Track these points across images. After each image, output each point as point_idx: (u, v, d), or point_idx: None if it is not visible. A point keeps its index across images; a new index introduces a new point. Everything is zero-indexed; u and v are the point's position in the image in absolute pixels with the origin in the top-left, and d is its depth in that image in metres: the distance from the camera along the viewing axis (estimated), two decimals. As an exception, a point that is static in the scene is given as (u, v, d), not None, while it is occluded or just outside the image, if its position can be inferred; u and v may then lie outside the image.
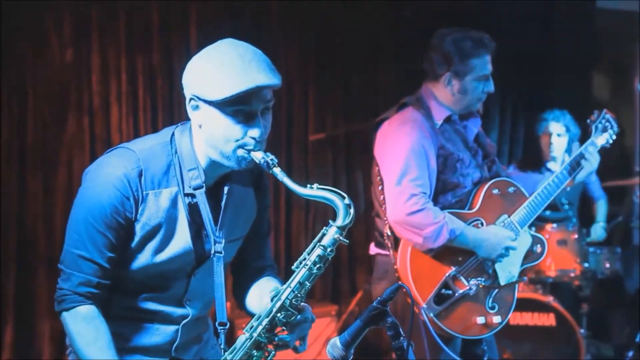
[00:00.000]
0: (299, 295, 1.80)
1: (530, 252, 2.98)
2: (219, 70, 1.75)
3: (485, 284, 2.86)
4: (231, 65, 1.75)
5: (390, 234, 2.89)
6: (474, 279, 2.83)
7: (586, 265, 4.39)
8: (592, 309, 4.56)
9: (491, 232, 2.85)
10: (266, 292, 1.90)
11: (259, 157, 1.79)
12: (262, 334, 1.82)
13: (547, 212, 4.47)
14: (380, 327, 1.69)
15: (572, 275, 4.37)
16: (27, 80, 4.10)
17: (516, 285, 2.97)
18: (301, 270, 1.80)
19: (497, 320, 2.90)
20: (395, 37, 5.09)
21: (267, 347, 1.84)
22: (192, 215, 1.89)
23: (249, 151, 1.80)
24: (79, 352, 1.83)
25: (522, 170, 4.66)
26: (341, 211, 1.77)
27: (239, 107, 1.76)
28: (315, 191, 1.78)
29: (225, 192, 1.93)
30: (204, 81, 1.77)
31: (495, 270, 2.89)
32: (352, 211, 1.78)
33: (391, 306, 1.69)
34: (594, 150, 2.98)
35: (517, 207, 2.93)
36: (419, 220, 2.74)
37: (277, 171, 1.79)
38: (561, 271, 4.35)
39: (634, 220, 5.02)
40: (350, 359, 1.71)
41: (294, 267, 1.81)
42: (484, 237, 2.83)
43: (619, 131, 3.09)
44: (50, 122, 4.15)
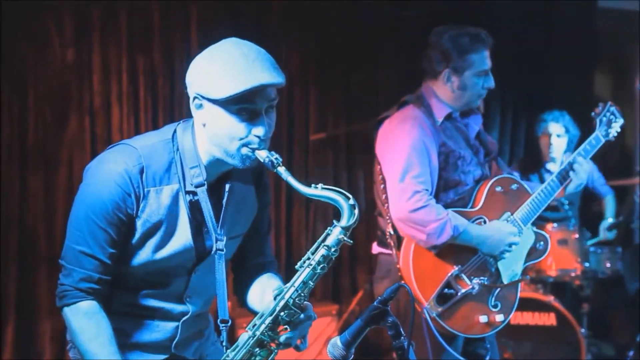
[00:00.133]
0: (303, 294, 1.80)
1: (533, 249, 2.97)
2: (223, 69, 1.76)
3: (488, 283, 2.85)
4: (235, 64, 1.75)
5: (392, 232, 2.89)
6: (477, 278, 2.82)
7: (587, 265, 4.39)
8: (593, 308, 4.55)
9: (494, 228, 2.84)
10: (268, 289, 1.91)
11: (263, 155, 1.80)
12: (265, 332, 1.82)
13: (548, 212, 4.46)
14: (381, 326, 1.69)
15: (573, 274, 4.36)
16: (28, 80, 4.09)
17: (519, 283, 2.97)
18: (305, 269, 1.80)
19: (500, 318, 2.89)
20: (395, 37, 5.09)
21: (270, 346, 1.84)
22: (193, 212, 1.89)
23: (253, 150, 1.80)
24: (81, 348, 1.83)
25: (522, 170, 4.66)
26: (346, 211, 1.77)
27: (243, 105, 1.77)
28: (320, 191, 1.78)
29: (226, 189, 1.94)
30: (208, 80, 1.78)
31: (498, 268, 2.88)
32: (356, 212, 1.78)
33: (394, 305, 1.69)
34: (582, 160, 2.94)
35: (520, 204, 2.92)
36: (423, 216, 2.74)
37: (281, 170, 1.79)
38: (562, 271, 4.35)
39: (635, 220, 5.01)
40: (351, 359, 1.71)
41: (297, 266, 1.81)
42: (487, 233, 2.82)
43: (623, 124, 3.08)
44: (51, 122, 4.15)
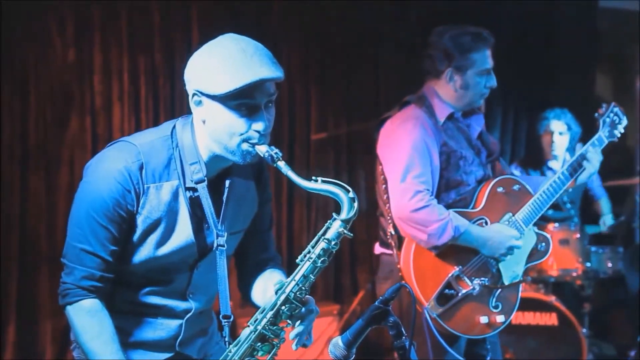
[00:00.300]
0: (303, 288, 1.80)
1: (535, 250, 2.96)
2: (221, 64, 1.75)
3: (488, 284, 2.84)
4: (233, 59, 1.75)
5: (394, 232, 2.88)
6: (478, 279, 2.81)
7: (588, 264, 4.38)
8: (594, 308, 4.55)
9: (495, 230, 2.83)
10: (270, 284, 1.91)
11: (263, 150, 1.80)
12: (266, 327, 1.82)
13: (549, 212, 4.45)
14: (382, 326, 1.69)
15: (574, 274, 4.35)
16: (29, 80, 4.09)
17: (520, 284, 2.96)
18: (305, 263, 1.80)
19: (501, 319, 2.88)
20: (396, 37, 5.09)
21: (272, 340, 1.84)
22: (194, 208, 1.89)
23: (253, 145, 1.80)
24: (83, 346, 1.83)
25: (524, 169, 4.66)
26: (345, 204, 1.77)
27: (243, 100, 1.77)
28: (319, 184, 1.78)
29: (226, 185, 1.94)
30: (206, 76, 1.77)
31: (499, 269, 2.87)
32: (356, 204, 1.77)
33: (396, 305, 1.69)
34: (595, 150, 2.94)
35: (522, 205, 2.90)
36: (424, 216, 2.73)
37: (281, 165, 1.79)
38: (563, 271, 4.34)
39: (636, 219, 5.00)
40: (352, 359, 1.71)
41: (298, 260, 1.81)
42: (488, 235, 2.81)
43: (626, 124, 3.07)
44: (52, 121, 4.15)
